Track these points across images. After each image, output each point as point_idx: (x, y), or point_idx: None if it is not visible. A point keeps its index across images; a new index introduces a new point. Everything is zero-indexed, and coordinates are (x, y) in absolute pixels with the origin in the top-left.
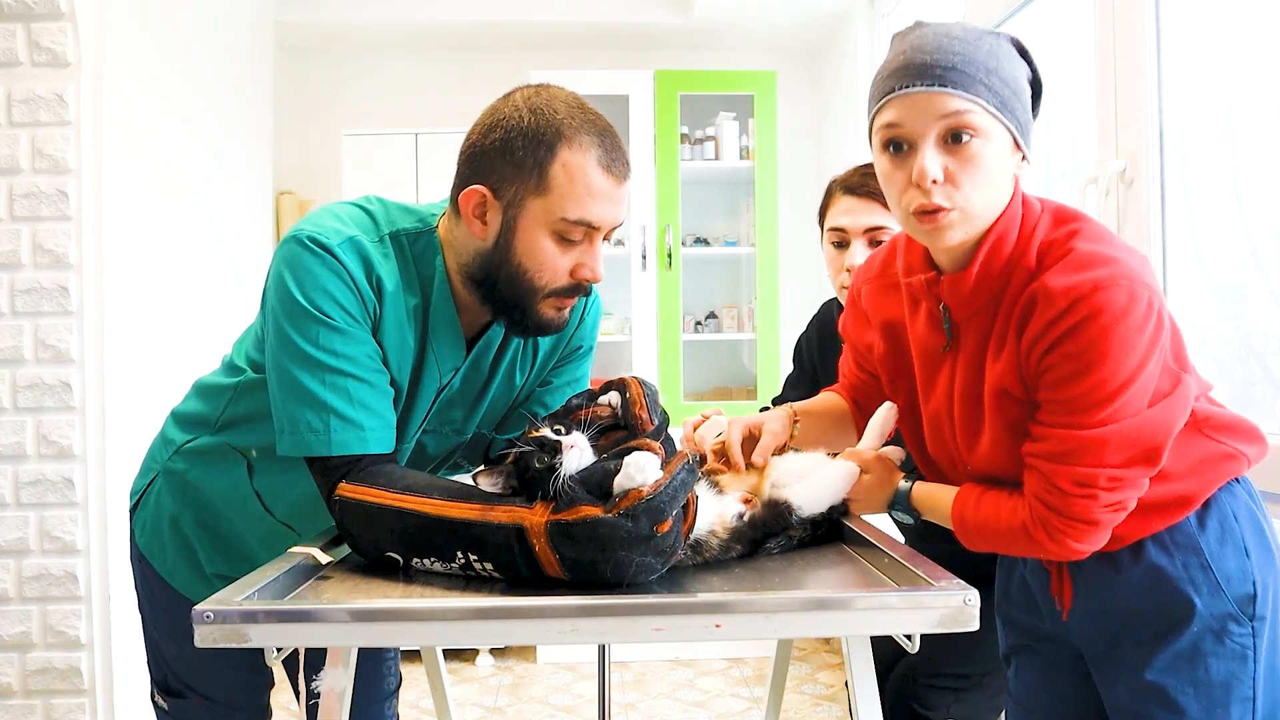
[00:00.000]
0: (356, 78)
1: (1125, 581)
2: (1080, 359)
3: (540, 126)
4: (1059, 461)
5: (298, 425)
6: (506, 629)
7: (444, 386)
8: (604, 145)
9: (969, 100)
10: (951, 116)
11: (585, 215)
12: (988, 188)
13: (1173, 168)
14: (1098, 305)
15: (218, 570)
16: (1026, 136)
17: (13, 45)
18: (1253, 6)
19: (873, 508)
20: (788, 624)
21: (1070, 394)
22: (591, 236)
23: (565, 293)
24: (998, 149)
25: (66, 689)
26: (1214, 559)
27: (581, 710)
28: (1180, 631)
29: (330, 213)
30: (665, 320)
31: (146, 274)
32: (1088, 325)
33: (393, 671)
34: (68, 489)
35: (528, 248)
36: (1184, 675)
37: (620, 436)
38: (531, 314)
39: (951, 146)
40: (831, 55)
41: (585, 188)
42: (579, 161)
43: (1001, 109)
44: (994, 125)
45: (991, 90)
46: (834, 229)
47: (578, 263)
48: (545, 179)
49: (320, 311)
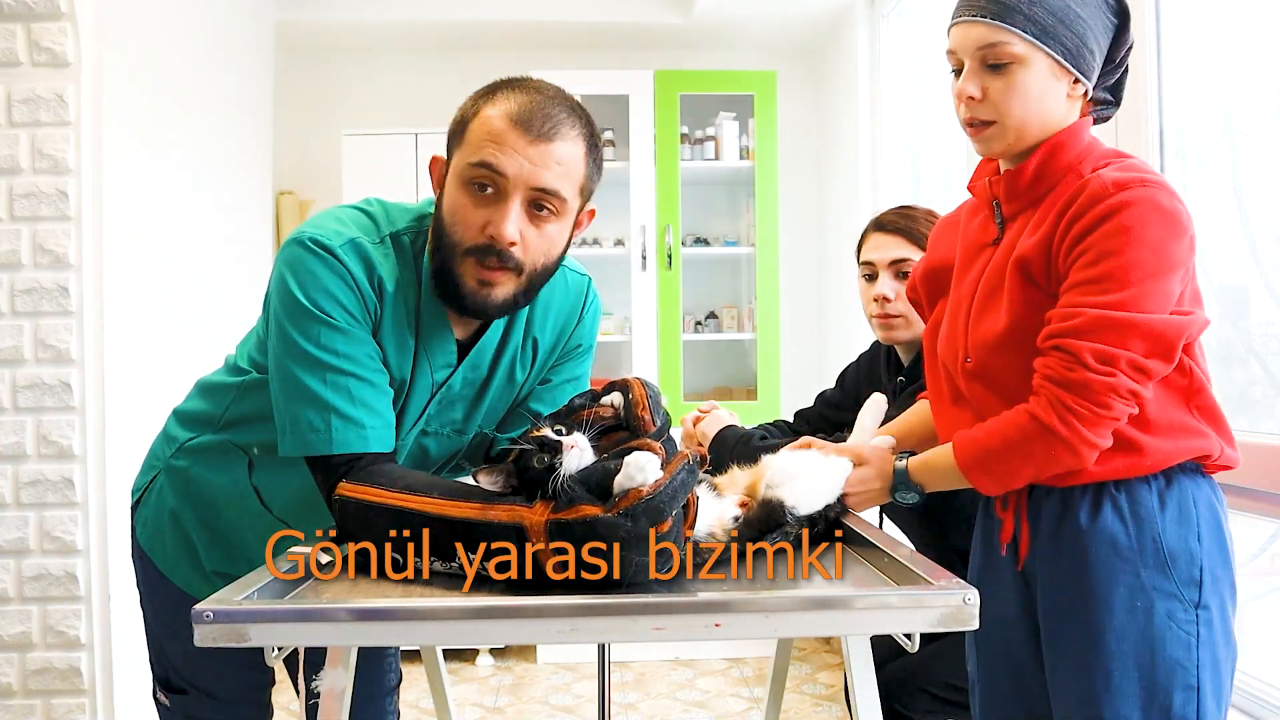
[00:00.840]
0: (356, 78)
1: (1075, 548)
2: (1120, 238)
3: (480, 91)
4: (1085, 337)
5: (299, 425)
6: (506, 629)
7: (441, 386)
8: (529, 104)
9: (1005, 30)
10: (986, 48)
11: (485, 158)
12: (1028, 105)
13: (1173, 168)
14: (1145, 197)
15: (216, 567)
16: (1081, 60)
17: (13, 45)
18: (1253, 7)
19: (872, 499)
20: (787, 623)
21: (1105, 269)
22: (503, 191)
23: (479, 252)
24: (1038, 73)
25: (66, 689)
26: (1165, 536)
27: (581, 710)
28: (1124, 604)
29: (332, 215)
30: (665, 320)
31: (146, 274)
32: (1132, 210)
33: (393, 668)
34: (68, 489)
35: (449, 202)
36: (1128, 659)
37: (622, 437)
38: (456, 278)
39: (991, 70)
40: (831, 55)
41: (491, 134)
42: (491, 112)
43: (1041, 36)
44: (1032, 52)
45: (1031, 19)
46: (865, 263)
47: (486, 219)
48: (465, 132)
49: (322, 311)
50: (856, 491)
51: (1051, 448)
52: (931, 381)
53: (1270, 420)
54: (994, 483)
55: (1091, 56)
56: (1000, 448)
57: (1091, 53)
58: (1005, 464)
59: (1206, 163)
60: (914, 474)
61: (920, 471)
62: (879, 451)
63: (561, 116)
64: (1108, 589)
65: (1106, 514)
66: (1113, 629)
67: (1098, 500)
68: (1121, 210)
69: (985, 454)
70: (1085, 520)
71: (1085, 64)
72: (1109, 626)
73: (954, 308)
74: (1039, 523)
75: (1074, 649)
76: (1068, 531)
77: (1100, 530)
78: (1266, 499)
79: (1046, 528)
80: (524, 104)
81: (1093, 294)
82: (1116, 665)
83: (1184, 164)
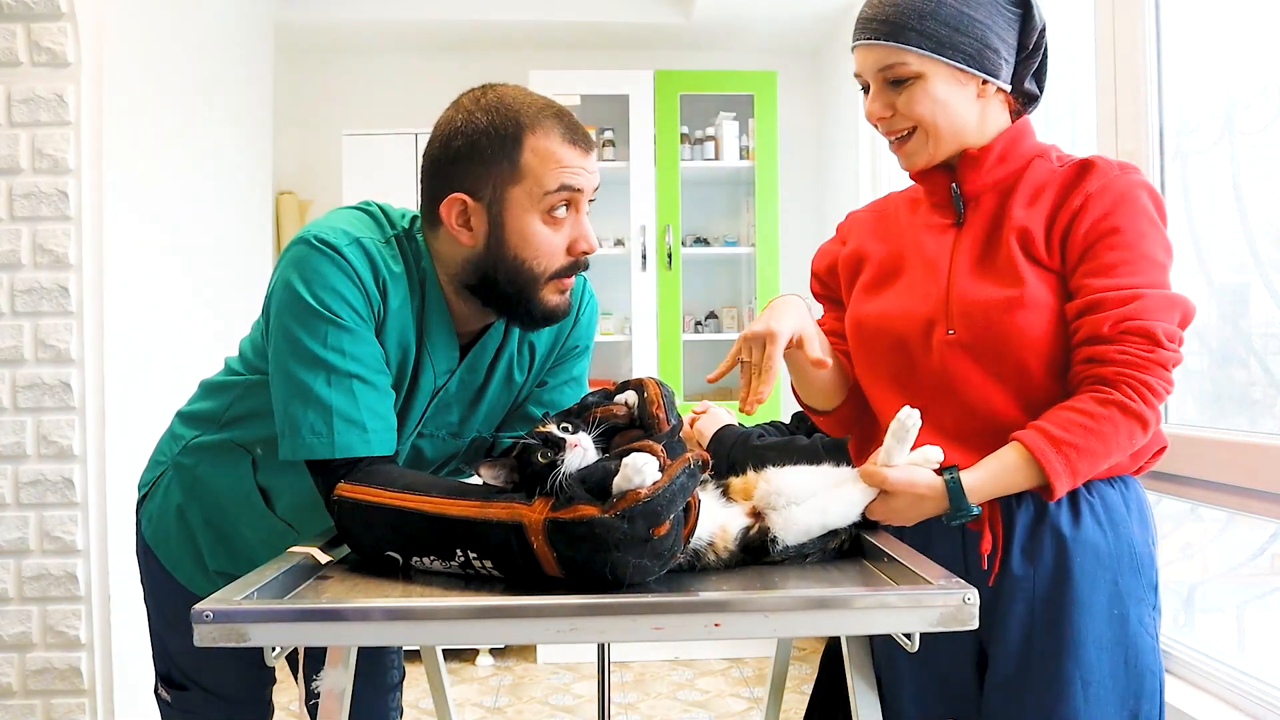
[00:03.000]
0: (356, 78)
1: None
2: (1145, 218)
3: (500, 121)
4: (1153, 316)
5: (299, 428)
6: (506, 629)
7: (439, 389)
8: (564, 122)
9: (900, 50)
10: (885, 69)
11: (565, 181)
12: (935, 110)
13: (1173, 168)
14: (1146, 185)
15: (219, 567)
16: (986, 61)
17: (13, 45)
18: (1253, 7)
19: (904, 523)
20: (787, 623)
21: (1143, 249)
22: (576, 205)
23: (564, 272)
24: (943, 82)
25: (66, 689)
26: (1135, 540)
27: (581, 710)
28: (1104, 612)
29: (336, 216)
30: (665, 320)
31: (146, 274)
32: (1146, 191)
33: (396, 665)
34: (68, 489)
35: (520, 237)
36: (1105, 668)
37: (634, 435)
38: (536, 303)
39: (893, 86)
40: (831, 55)
41: (557, 162)
42: (545, 142)
43: (938, 49)
44: (930, 65)
45: (925, 34)
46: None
47: (571, 238)
48: (519, 166)
49: (329, 310)
50: (884, 520)
51: (1133, 435)
52: (867, 361)
53: (1270, 420)
54: (1074, 483)
55: (997, 54)
56: (1089, 443)
57: (996, 50)
58: (1092, 460)
59: (1206, 163)
60: (973, 489)
61: (980, 484)
62: (912, 486)
63: (579, 121)
64: (1090, 598)
65: (1087, 520)
66: (1093, 638)
67: (1075, 506)
68: (1137, 190)
69: (1075, 452)
70: (1068, 528)
71: (990, 64)
72: (1089, 637)
73: (917, 285)
74: (1011, 532)
75: (1049, 664)
76: (1046, 540)
77: (1083, 538)
78: (1266, 499)
79: (1021, 537)
80: (561, 123)
81: (1139, 272)
82: (1095, 675)
83: (1184, 164)
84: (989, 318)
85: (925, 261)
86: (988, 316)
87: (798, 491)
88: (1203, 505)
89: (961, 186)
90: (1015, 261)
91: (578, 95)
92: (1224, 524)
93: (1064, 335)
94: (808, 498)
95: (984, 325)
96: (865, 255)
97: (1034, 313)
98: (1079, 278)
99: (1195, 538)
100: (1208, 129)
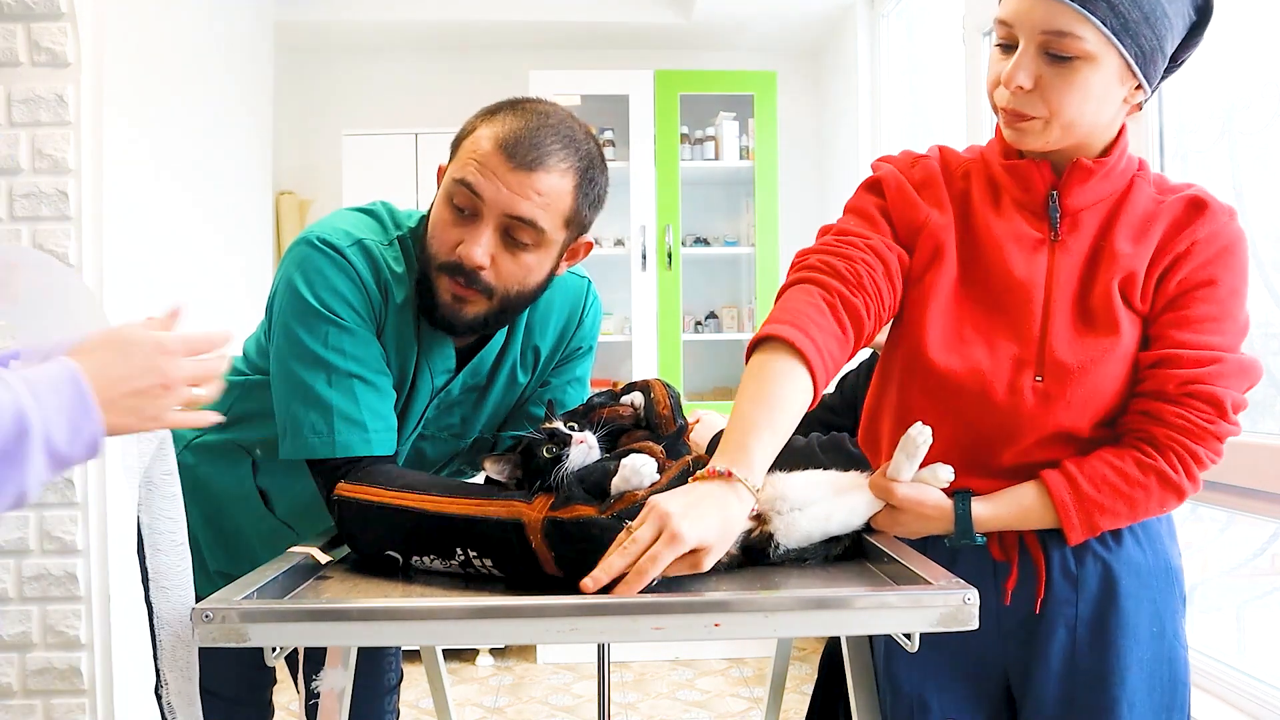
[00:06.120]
0: (356, 78)
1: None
2: (1240, 274)
3: (487, 108)
4: (1224, 383)
5: (300, 428)
6: (506, 629)
7: (440, 391)
8: (521, 130)
9: (1082, 18)
10: (1053, 34)
11: (466, 177)
12: (1085, 107)
13: (1173, 168)
14: (1244, 236)
15: (220, 567)
16: (1152, 65)
17: (13, 45)
18: (1252, 8)
19: (908, 536)
20: (787, 623)
21: (1229, 307)
22: (479, 214)
23: (450, 269)
24: (1105, 74)
25: (66, 689)
26: (1169, 554)
27: (581, 710)
28: (1148, 631)
29: (339, 217)
30: (665, 320)
31: (146, 274)
32: (1243, 244)
33: (394, 667)
34: (67, 489)
35: (434, 215)
36: (1145, 689)
37: (639, 435)
38: (433, 290)
39: (1051, 60)
40: (831, 55)
41: (477, 154)
42: (484, 132)
43: (1120, 32)
44: (1105, 49)
45: (1114, 9)
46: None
47: (460, 238)
48: (459, 148)
49: (330, 311)
50: (888, 531)
51: (1165, 504)
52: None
53: (1270, 420)
54: (1089, 536)
55: (1162, 61)
56: (1115, 506)
57: (1164, 55)
58: (1115, 521)
59: (1206, 163)
60: (983, 521)
61: (990, 517)
62: (919, 504)
63: (552, 147)
64: (1135, 619)
65: (1126, 539)
66: (1137, 659)
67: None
68: (1241, 244)
69: (1099, 511)
70: (1109, 548)
71: (1154, 69)
72: (1134, 659)
73: (1007, 317)
74: (1050, 562)
75: (1096, 692)
76: (1089, 561)
77: (1125, 557)
78: (1266, 499)
79: (1059, 559)
80: (516, 129)
81: (1224, 332)
82: (1139, 697)
83: (1184, 164)
84: (1084, 372)
85: (1016, 285)
86: (1082, 371)
87: (802, 497)
88: (1203, 505)
89: (1062, 198)
90: (1114, 307)
91: (578, 95)
92: (1224, 524)
93: (1134, 381)
94: (812, 504)
95: (1076, 381)
96: (942, 245)
97: (1122, 365)
98: (1161, 325)
99: (1195, 538)
100: (1208, 129)
